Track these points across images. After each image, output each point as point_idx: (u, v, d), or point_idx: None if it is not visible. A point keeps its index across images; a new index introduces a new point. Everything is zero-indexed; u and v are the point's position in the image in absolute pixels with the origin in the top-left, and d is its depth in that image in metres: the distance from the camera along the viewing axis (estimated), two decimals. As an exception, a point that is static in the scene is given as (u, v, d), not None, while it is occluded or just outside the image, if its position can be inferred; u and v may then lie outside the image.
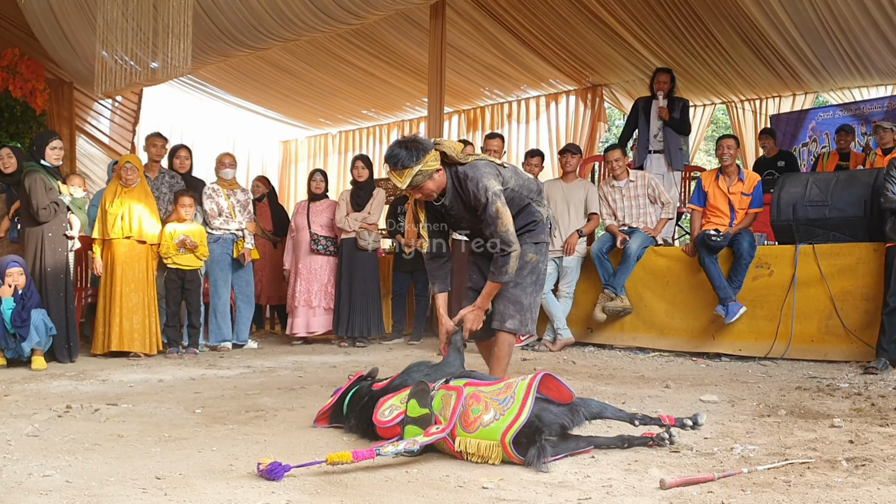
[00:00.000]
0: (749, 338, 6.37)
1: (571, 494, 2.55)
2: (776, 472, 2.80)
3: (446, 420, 3.02)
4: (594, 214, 7.25)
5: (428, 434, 2.97)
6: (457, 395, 3.10)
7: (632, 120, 8.59)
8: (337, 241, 7.81)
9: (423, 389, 3.19)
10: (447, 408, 3.07)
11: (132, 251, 6.68)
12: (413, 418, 3.10)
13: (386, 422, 3.22)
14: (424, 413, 3.09)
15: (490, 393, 3.06)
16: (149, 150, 7.44)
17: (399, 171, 3.73)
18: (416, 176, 3.73)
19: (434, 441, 2.98)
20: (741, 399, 4.46)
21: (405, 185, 3.78)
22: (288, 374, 5.70)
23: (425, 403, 3.11)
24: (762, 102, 10.65)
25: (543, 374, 3.10)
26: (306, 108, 12.91)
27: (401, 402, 3.24)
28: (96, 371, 5.81)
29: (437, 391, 3.19)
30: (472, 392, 3.09)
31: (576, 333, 7.19)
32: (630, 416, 3.26)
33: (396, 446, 2.89)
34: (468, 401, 3.06)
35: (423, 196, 3.91)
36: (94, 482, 2.72)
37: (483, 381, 3.21)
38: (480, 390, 3.10)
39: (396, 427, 3.16)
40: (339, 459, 2.80)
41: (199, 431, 3.65)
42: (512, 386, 3.05)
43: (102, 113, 11.91)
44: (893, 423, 3.69)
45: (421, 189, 3.83)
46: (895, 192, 5.67)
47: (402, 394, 3.30)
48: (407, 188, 3.82)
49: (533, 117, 11.73)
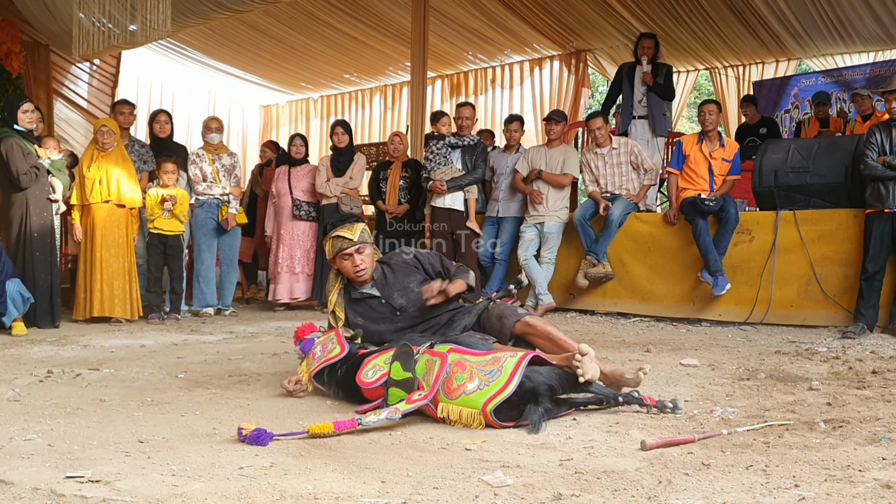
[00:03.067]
0: (729, 303, 6.42)
1: (553, 455, 2.58)
2: (755, 433, 2.84)
3: (429, 386, 3.04)
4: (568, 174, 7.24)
5: (410, 401, 2.99)
6: (441, 361, 3.11)
7: (616, 85, 8.56)
8: (319, 207, 7.77)
9: (406, 352, 3.20)
10: (430, 374, 3.08)
11: (112, 216, 6.62)
12: (396, 381, 3.12)
13: (370, 383, 3.23)
14: (407, 377, 3.10)
15: (476, 363, 3.07)
16: (116, 118, 7.31)
17: (350, 225, 3.88)
18: (364, 233, 3.89)
19: (416, 409, 3.00)
20: (721, 363, 4.51)
21: (356, 238, 3.84)
22: (270, 339, 5.70)
23: (409, 367, 3.12)
24: (745, 69, 10.65)
25: (533, 354, 3.13)
26: (287, 73, 12.77)
27: (385, 363, 3.25)
28: (77, 336, 5.78)
29: (421, 355, 3.20)
30: (456, 360, 3.10)
31: (558, 299, 7.22)
32: (614, 394, 3.23)
33: (378, 415, 2.90)
34: (452, 368, 3.07)
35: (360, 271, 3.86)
36: (77, 446, 2.71)
37: (469, 348, 3.22)
38: (466, 359, 3.10)
39: (380, 388, 3.18)
40: (321, 431, 2.82)
41: (182, 396, 3.65)
42: (500, 360, 3.06)
43: (80, 77, 11.70)
44: (870, 385, 3.75)
45: (363, 255, 3.85)
46: (875, 158, 5.70)
47: (387, 354, 3.31)
48: (358, 241, 3.85)
49: (517, 82, 11.67)
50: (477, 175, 7.35)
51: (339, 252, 3.85)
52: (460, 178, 7.24)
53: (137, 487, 2.22)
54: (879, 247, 5.67)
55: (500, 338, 3.56)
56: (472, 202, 7.35)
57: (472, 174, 7.30)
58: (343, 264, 3.87)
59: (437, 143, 7.38)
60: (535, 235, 7.22)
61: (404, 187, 7.71)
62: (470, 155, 7.34)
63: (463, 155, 7.34)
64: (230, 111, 13.93)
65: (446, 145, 7.33)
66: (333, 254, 3.88)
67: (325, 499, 2.13)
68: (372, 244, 3.96)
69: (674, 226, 6.76)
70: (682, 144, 6.91)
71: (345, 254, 3.84)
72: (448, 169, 7.25)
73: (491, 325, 3.63)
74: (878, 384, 3.78)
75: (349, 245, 3.82)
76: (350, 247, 3.82)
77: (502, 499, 2.13)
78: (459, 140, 7.37)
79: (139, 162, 7.19)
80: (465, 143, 7.36)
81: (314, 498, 2.14)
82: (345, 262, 3.86)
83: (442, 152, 7.30)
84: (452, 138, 7.38)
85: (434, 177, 7.25)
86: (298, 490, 2.20)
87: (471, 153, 7.35)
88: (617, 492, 2.19)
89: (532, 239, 7.23)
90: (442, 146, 7.33)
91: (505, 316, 3.61)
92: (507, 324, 3.58)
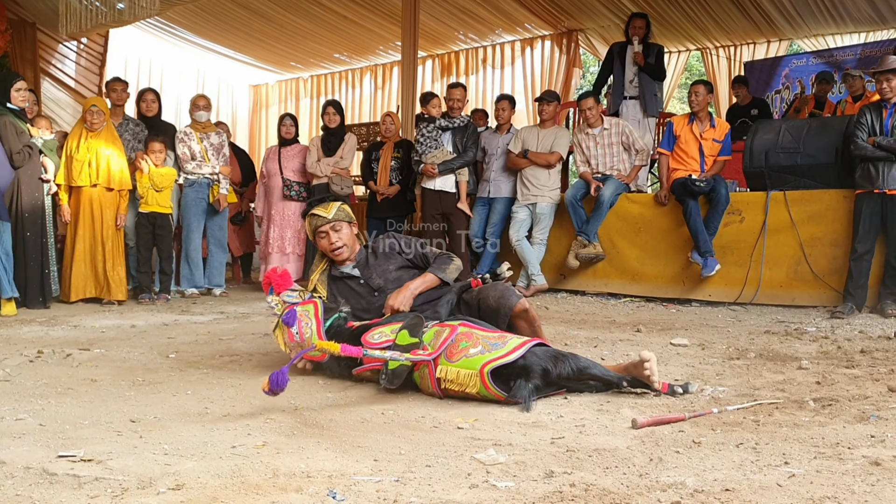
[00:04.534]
0: (719, 283, 6.44)
1: (545, 434, 2.59)
2: (745, 412, 2.86)
3: (434, 349, 3.08)
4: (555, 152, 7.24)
5: (415, 353, 3.05)
6: (450, 330, 3.17)
7: (607, 65, 8.53)
8: (309, 187, 7.74)
9: (417, 323, 3.24)
10: (438, 339, 3.14)
11: (101, 198, 6.58)
12: (401, 346, 3.14)
13: (374, 343, 3.24)
14: (414, 342, 3.13)
15: (483, 336, 3.13)
16: (109, 95, 7.26)
17: (326, 203, 3.93)
18: (340, 211, 3.90)
19: (417, 361, 3.04)
20: (711, 343, 4.53)
21: (331, 216, 3.86)
22: (261, 319, 5.69)
23: (416, 334, 3.15)
24: (736, 49, 10.63)
25: (540, 340, 3.18)
26: (277, 52, 12.66)
27: (392, 332, 3.27)
28: (67, 317, 5.76)
29: (430, 327, 3.24)
30: (465, 331, 3.16)
31: (549, 279, 7.23)
32: (619, 378, 3.13)
33: (383, 352, 3.02)
34: (459, 336, 3.12)
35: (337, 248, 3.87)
36: (69, 425, 2.71)
37: (480, 325, 3.26)
38: (474, 332, 3.15)
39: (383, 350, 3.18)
40: (328, 348, 2.96)
41: (174, 376, 3.65)
42: (506, 337, 3.12)
43: (68, 55, 11.56)
44: (859, 365, 3.78)
45: (340, 233, 3.86)
46: (865, 139, 5.71)
47: (394, 325, 3.32)
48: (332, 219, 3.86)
49: (508, 62, 11.62)
50: (468, 157, 7.32)
51: (315, 230, 3.90)
52: (451, 161, 7.22)
53: (130, 466, 2.22)
54: (868, 227, 5.69)
55: (495, 316, 3.53)
56: (462, 184, 7.32)
57: (463, 157, 7.27)
58: (321, 242, 3.92)
59: (428, 125, 7.35)
60: (526, 216, 7.23)
61: (396, 168, 7.68)
62: (461, 137, 7.30)
63: (454, 137, 7.31)
64: (219, 90, 13.82)
65: (437, 128, 7.30)
66: (312, 233, 3.94)
67: (317, 477, 2.14)
68: (352, 224, 3.97)
69: (664, 206, 6.77)
70: (672, 125, 6.91)
71: (321, 231, 3.88)
72: (439, 152, 7.22)
73: (486, 304, 3.60)
74: (867, 363, 3.81)
75: (323, 222, 3.86)
76: (324, 224, 3.85)
77: (494, 476, 2.14)
78: (450, 122, 7.32)
79: (133, 141, 7.13)
80: (455, 124, 7.32)
81: (307, 476, 2.15)
82: (322, 241, 3.90)
83: (433, 135, 7.27)
84: (443, 120, 7.34)
85: (425, 160, 7.22)
86: (291, 468, 2.21)
87: (461, 135, 7.31)
88: (608, 469, 2.21)
89: (524, 220, 7.23)
90: (432, 129, 7.30)
91: (505, 296, 3.57)
92: (508, 303, 3.52)
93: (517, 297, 3.58)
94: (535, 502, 1.94)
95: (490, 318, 3.52)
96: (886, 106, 5.74)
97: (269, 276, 3.79)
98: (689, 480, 2.08)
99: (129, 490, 2.03)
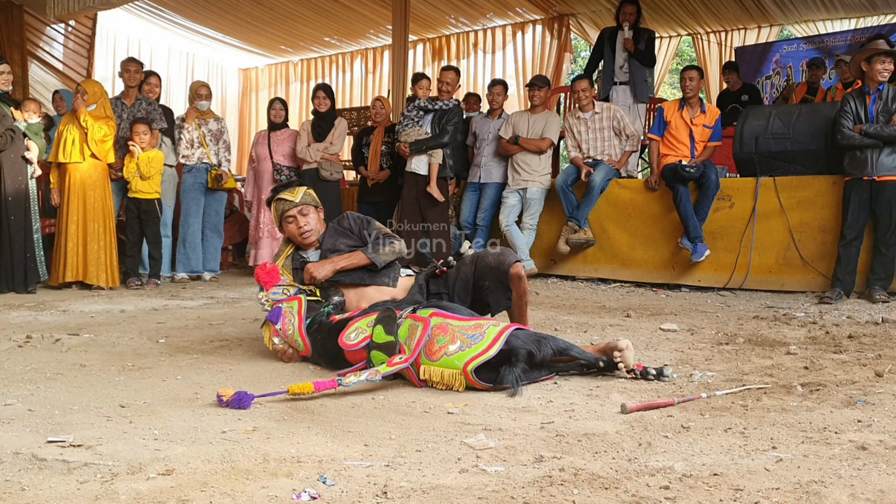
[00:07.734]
0: (708, 269, 6.47)
1: (535, 419, 2.60)
2: (734, 396, 2.88)
3: (410, 350, 3.04)
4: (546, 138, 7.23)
5: (391, 364, 3.00)
6: (423, 326, 3.11)
7: (597, 50, 8.52)
8: (300, 171, 7.71)
9: (389, 316, 3.21)
10: (412, 338, 3.09)
11: (91, 174, 6.51)
12: (378, 344, 3.13)
13: (352, 345, 3.23)
14: (390, 340, 3.11)
15: (458, 327, 3.08)
16: (122, 76, 7.23)
17: (292, 189, 3.92)
18: (307, 195, 3.90)
19: (396, 371, 3.01)
20: (700, 328, 4.55)
21: (298, 199, 3.85)
22: (251, 304, 5.68)
23: (391, 331, 3.13)
24: (727, 34, 10.63)
25: (517, 326, 3.15)
26: (267, 35, 12.58)
27: (367, 326, 3.26)
28: (56, 302, 5.74)
29: (404, 319, 3.21)
30: (438, 323, 3.11)
31: (539, 265, 7.24)
32: (595, 358, 3.22)
33: (359, 377, 2.92)
34: (434, 331, 3.07)
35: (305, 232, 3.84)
36: (58, 410, 2.70)
37: (451, 313, 3.22)
38: (448, 323, 3.11)
39: (362, 351, 3.19)
40: (301, 391, 2.83)
41: (163, 361, 3.64)
42: (482, 326, 3.07)
43: (55, 38, 11.46)
44: (846, 350, 3.80)
45: (307, 217, 3.85)
46: (850, 128, 5.71)
47: (370, 317, 3.31)
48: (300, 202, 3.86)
49: (499, 47, 11.59)
50: (442, 139, 7.16)
51: (283, 215, 3.87)
52: (424, 141, 7.15)
53: (119, 452, 2.22)
54: (857, 214, 5.72)
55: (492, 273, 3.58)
56: (433, 166, 7.15)
57: (436, 138, 7.16)
58: (288, 228, 3.88)
59: (409, 105, 7.34)
60: (517, 201, 7.22)
61: (386, 153, 7.65)
62: (440, 119, 7.23)
63: (434, 119, 7.25)
64: (209, 74, 13.72)
65: (416, 108, 7.26)
66: (279, 218, 3.90)
67: (308, 462, 2.14)
68: (318, 208, 3.95)
69: (655, 192, 6.78)
70: (663, 111, 6.91)
71: (288, 216, 3.85)
72: (413, 131, 7.17)
73: (485, 264, 3.63)
74: (854, 348, 3.84)
75: (291, 206, 3.84)
76: (291, 207, 3.84)
77: (484, 461, 2.15)
78: (432, 104, 7.26)
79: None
80: (436, 107, 7.24)
81: (297, 461, 2.15)
82: (290, 226, 3.87)
83: (411, 115, 7.24)
84: (424, 102, 7.29)
85: (400, 139, 7.20)
86: (281, 453, 2.21)
87: (440, 118, 7.22)
88: (598, 454, 2.22)
89: (514, 205, 7.23)
90: (412, 108, 7.27)
91: (504, 254, 3.64)
92: (507, 261, 3.58)
93: (515, 257, 3.63)
94: (524, 487, 1.95)
95: (489, 277, 3.58)
96: (870, 92, 5.74)
97: (258, 273, 3.77)
98: (678, 465, 2.09)
99: (118, 475, 2.02)
